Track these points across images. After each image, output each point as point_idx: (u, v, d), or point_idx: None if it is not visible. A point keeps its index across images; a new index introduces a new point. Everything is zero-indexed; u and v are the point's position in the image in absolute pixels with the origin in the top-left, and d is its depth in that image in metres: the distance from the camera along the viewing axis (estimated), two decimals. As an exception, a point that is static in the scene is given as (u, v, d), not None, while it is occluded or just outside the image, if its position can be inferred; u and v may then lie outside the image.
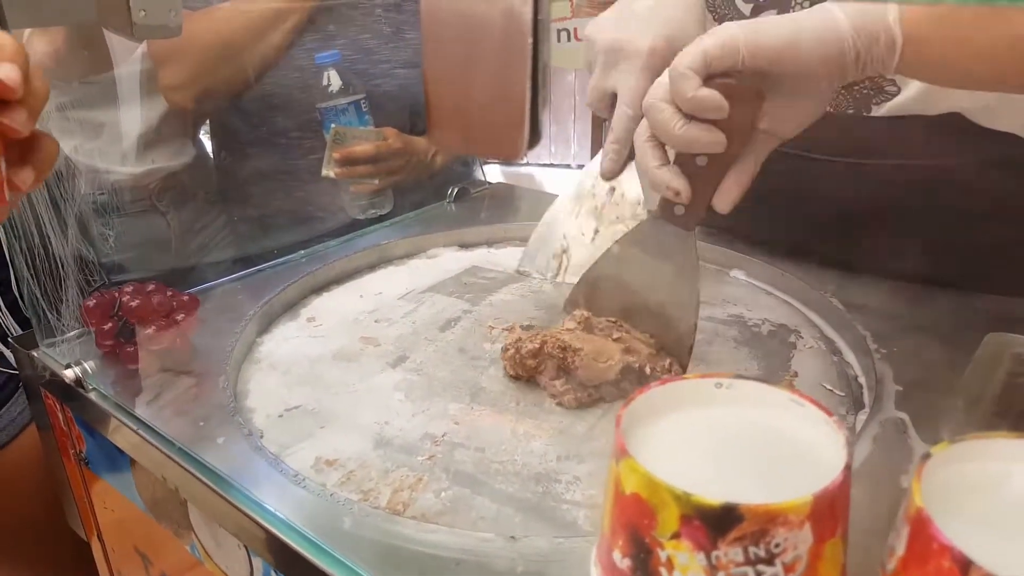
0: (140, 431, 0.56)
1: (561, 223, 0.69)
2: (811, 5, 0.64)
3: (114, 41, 0.93)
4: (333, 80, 0.95)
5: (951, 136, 0.67)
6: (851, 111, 0.72)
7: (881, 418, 0.54)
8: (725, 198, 0.54)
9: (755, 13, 0.69)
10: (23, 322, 0.84)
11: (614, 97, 0.61)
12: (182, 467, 0.52)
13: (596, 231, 0.66)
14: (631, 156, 0.60)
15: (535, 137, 0.24)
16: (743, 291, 0.77)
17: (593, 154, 1.61)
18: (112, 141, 1.06)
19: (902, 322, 0.65)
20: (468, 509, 0.49)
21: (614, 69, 0.61)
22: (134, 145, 1.03)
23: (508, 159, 0.46)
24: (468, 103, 0.23)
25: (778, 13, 0.66)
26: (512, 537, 0.44)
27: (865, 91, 0.69)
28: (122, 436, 0.58)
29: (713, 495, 0.27)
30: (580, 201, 0.68)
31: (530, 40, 0.21)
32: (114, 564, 0.71)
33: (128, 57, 0.99)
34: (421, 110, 1.08)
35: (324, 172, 0.97)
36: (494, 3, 0.21)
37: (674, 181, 0.53)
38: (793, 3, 0.67)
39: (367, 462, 0.53)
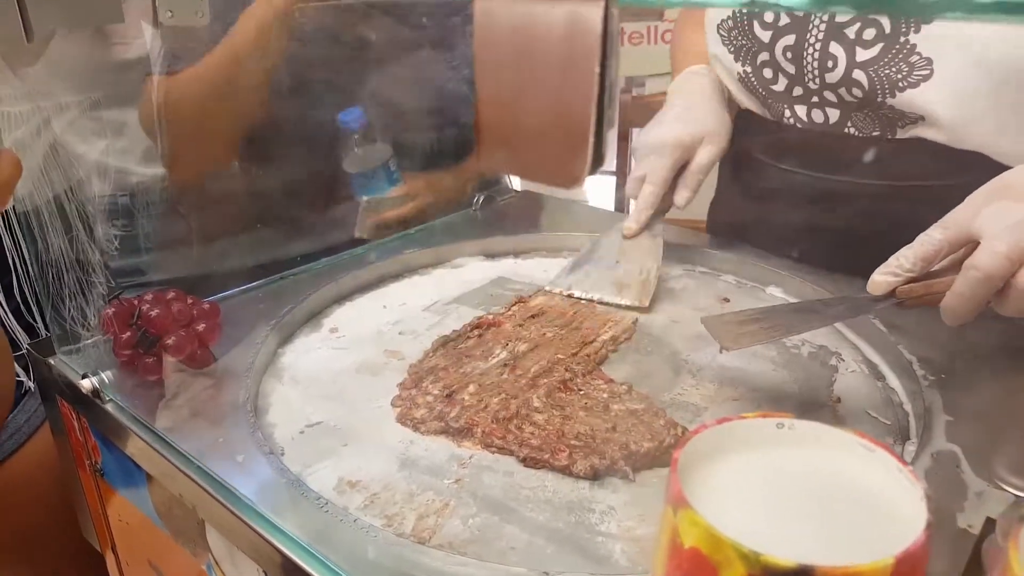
0: (157, 446, 0.54)
1: (590, 257, 0.80)
2: (825, 30, 0.72)
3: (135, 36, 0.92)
4: (358, 142, 0.94)
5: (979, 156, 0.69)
6: (876, 133, 0.74)
7: (932, 450, 0.51)
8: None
9: (773, 40, 0.76)
10: (27, 328, 0.83)
11: (643, 181, 0.79)
12: (200, 485, 0.50)
13: (617, 262, 0.78)
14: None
15: (597, 162, 0.22)
16: (779, 309, 0.74)
17: (619, 163, 1.59)
18: (134, 140, 1.05)
19: (948, 346, 0.62)
20: (497, 538, 0.46)
21: (645, 161, 0.79)
22: (156, 144, 1.01)
23: (568, 186, 0.45)
24: (525, 124, 0.21)
25: (796, 39, 0.74)
26: (546, 573, 0.42)
27: (892, 115, 0.71)
28: (138, 450, 0.56)
29: (782, 553, 0.24)
30: (608, 245, 0.81)
31: (598, 55, 0.19)
32: (128, 577, 0.70)
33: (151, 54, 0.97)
34: (452, 137, 1.04)
35: (357, 234, 0.97)
36: (557, 14, 0.19)
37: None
38: (810, 26, 0.73)
39: (391, 484, 0.51)
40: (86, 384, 0.58)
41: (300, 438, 0.56)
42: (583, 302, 0.75)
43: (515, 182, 1.07)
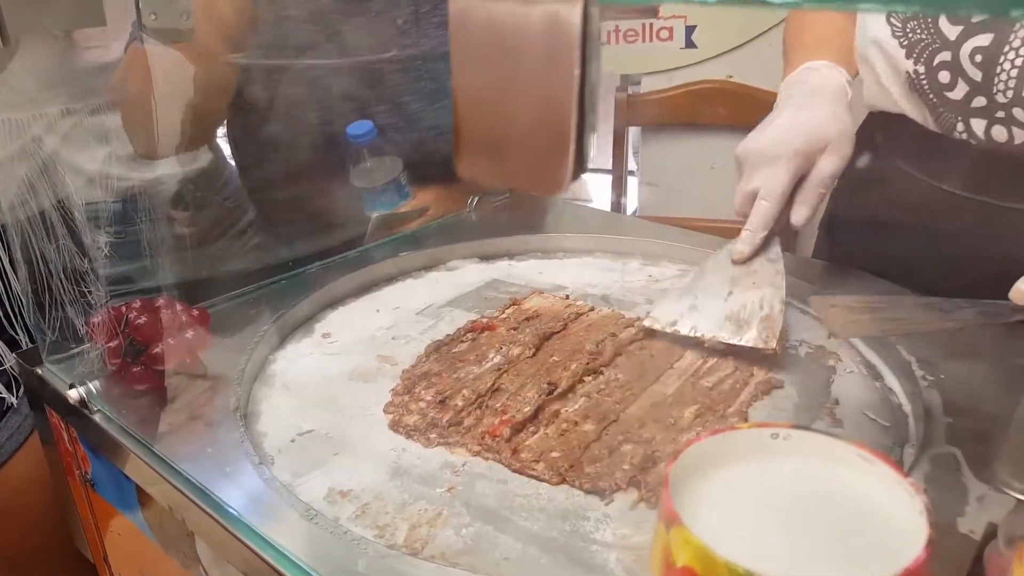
0: (145, 457, 0.53)
1: (695, 285, 0.69)
2: None
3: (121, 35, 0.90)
4: (368, 157, 0.92)
5: None
6: None
7: (931, 453, 0.50)
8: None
9: (962, 39, 0.65)
10: (9, 342, 0.82)
11: (754, 196, 0.67)
12: (187, 497, 0.49)
13: (730, 292, 0.67)
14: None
15: (579, 168, 0.21)
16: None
17: (613, 164, 1.58)
18: (121, 144, 1.04)
19: (947, 346, 0.62)
20: (491, 548, 0.46)
21: (758, 172, 0.67)
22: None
23: (549, 193, 0.44)
24: (503, 130, 0.20)
25: (994, 40, 0.63)
26: (539, 584, 0.41)
27: None
28: (126, 461, 0.55)
29: (779, 573, 0.24)
30: (715, 270, 0.70)
31: (578, 56, 0.18)
32: (120, 588, 0.69)
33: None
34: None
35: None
36: (535, 13, 0.18)
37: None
38: (1017, 26, 0.62)
39: (383, 494, 0.50)
40: (73, 394, 0.57)
41: (291, 447, 0.55)
42: (578, 303, 0.74)
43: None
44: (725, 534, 0.25)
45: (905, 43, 0.68)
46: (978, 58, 0.64)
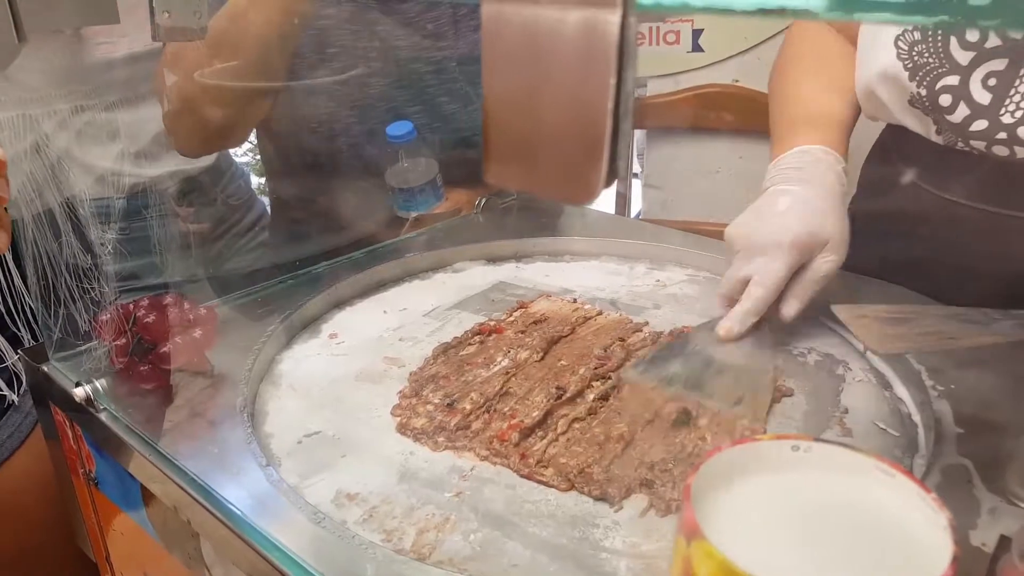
0: (150, 456, 0.53)
1: (682, 350, 0.65)
2: None
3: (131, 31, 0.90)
4: (406, 157, 0.91)
5: None
6: None
7: (942, 464, 0.50)
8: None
9: (974, 64, 0.64)
10: (11, 339, 0.81)
11: (746, 283, 0.65)
12: (193, 498, 0.49)
13: (719, 369, 0.63)
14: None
15: (612, 175, 0.20)
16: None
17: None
18: (130, 141, 1.04)
19: (957, 355, 0.61)
20: (499, 555, 0.45)
21: (753, 259, 0.65)
22: (152, 145, 1.00)
23: (580, 202, 0.42)
24: (534, 136, 0.20)
25: (1009, 65, 0.62)
26: (549, 592, 0.41)
27: None
28: (132, 460, 0.55)
29: (802, 588, 0.23)
30: (704, 342, 0.67)
31: (615, 64, 0.18)
32: (122, 588, 0.69)
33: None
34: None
35: None
36: (571, 19, 0.18)
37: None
38: None
39: (390, 497, 0.50)
40: (79, 392, 0.57)
41: (298, 448, 0.55)
42: (586, 307, 0.74)
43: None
44: (746, 548, 0.25)
45: (910, 65, 0.67)
46: (992, 82, 0.63)
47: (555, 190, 0.23)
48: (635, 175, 1.66)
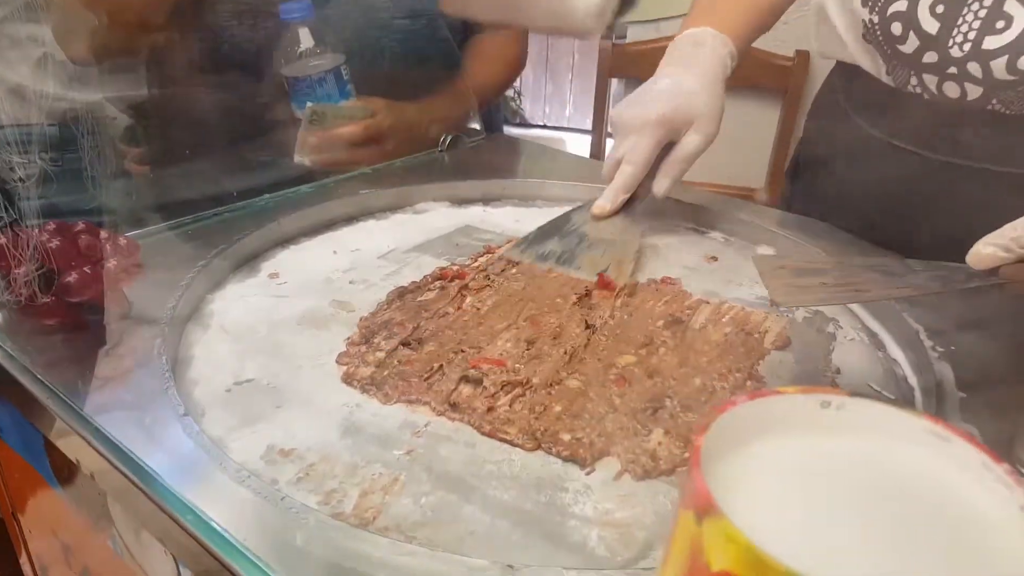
0: (50, 402, 0.45)
1: (557, 227, 0.70)
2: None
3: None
4: (304, 41, 0.77)
5: None
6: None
7: (949, 431, 0.45)
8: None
9: (943, 35, 0.61)
10: None
11: (621, 162, 0.68)
12: (98, 451, 0.42)
13: (589, 242, 0.68)
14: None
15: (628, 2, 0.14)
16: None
17: (594, 119, 1.51)
18: (60, 63, 0.94)
19: (956, 315, 0.56)
20: (454, 520, 0.39)
21: (627, 139, 0.68)
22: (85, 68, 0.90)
23: (584, 33, 0.37)
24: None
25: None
26: (510, 566, 0.35)
27: None
28: (29, 407, 0.47)
29: (851, 582, 0.18)
30: (579, 221, 0.71)
31: None
32: (33, 550, 0.61)
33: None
34: (416, 67, 0.91)
35: (297, 159, 0.80)
36: None
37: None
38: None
39: (331, 454, 0.43)
40: (-30, 327, 0.49)
41: (226, 397, 0.48)
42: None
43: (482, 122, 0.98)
44: (771, 531, 0.19)
45: (886, 42, 0.65)
46: (940, 8, 0.61)
47: (551, 19, 0.17)
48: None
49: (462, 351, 0.52)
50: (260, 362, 0.52)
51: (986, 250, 0.46)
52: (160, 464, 0.40)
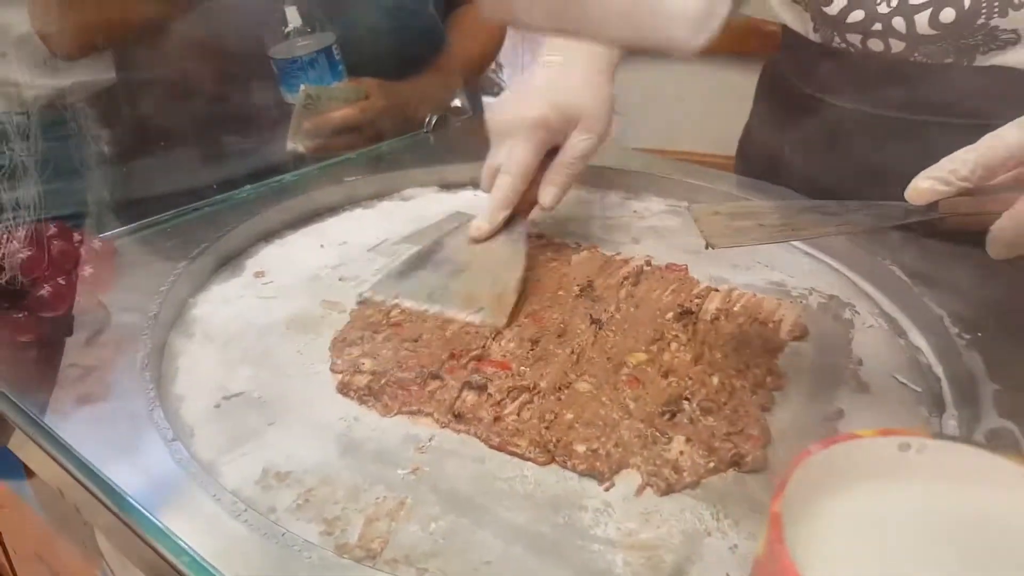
0: (29, 429, 0.42)
1: (427, 258, 0.60)
2: None
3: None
4: (292, 19, 0.73)
5: None
6: (949, 61, 0.61)
7: (984, 429, 0.43)
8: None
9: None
10: None
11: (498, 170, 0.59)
12: (81, 483, 0.38)
13: (464, 271, 0.58)
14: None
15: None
16: (780, 252, 0.65)
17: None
18: (26, 47, 0.88)
19: (982, 299, 0.54)
20: (466, 548, 0.37)
21: (503, 144, 0.59)
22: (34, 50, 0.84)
23: (678, 49, 0.32)
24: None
25: None
26: (532, 604, 0.32)
27: (974, 41, 0.59)
28: (7, 433, 0.44)
29: None
30: (453, 246, 0.61)
31: None
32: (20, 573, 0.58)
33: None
34: (404, 45, 0.86)
35: (290, 145, 0.76)
36: None
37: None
38: None
39: (331, 476, 0.41)
40: (-66, 347, 0.46)
41: (215, 414, 0.45)
42: (556, 241, 0.65)
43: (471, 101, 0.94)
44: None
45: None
46: None
47: (639, 32, 0.13)
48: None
49: (462, 352, 0.49)
50: (249, 373, 0.49)
51: (924, 184, 0.44)
52: (145, 495, 0.37)
